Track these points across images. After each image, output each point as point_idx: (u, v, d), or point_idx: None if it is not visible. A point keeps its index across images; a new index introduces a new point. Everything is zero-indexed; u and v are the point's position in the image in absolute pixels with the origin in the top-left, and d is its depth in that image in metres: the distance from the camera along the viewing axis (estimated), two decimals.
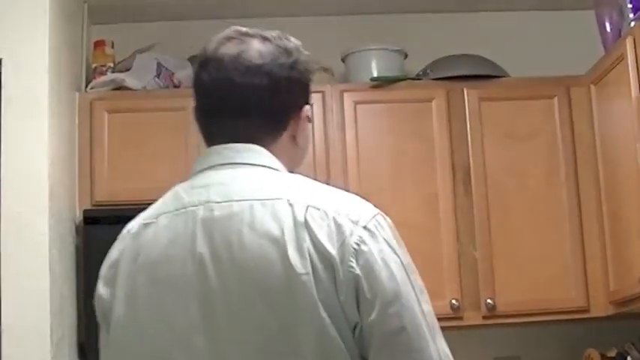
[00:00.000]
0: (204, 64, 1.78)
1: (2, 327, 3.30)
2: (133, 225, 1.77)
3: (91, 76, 4.13)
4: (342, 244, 1.60)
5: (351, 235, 1.61)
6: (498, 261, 3.93)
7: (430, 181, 3.99)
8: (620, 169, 3.73)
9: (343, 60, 4.29)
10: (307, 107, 1.83)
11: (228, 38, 1.79)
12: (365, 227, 1.63)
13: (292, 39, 1.83)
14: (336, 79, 4.25)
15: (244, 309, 1.60)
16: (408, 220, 3.89)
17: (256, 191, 1.67)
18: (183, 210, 1.70)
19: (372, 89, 4.10)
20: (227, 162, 1.74)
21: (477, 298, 3.90)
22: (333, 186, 1.75)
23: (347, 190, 1.73)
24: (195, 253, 1.64)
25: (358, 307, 1.58)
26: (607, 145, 3.89)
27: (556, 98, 4.09)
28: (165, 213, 1.72)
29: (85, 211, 3.82)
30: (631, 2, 3.66)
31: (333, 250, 1.59)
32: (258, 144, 1.75)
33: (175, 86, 4.09)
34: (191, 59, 4.17)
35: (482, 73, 4.14)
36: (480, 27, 4.53)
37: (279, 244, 1.59)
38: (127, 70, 4.10)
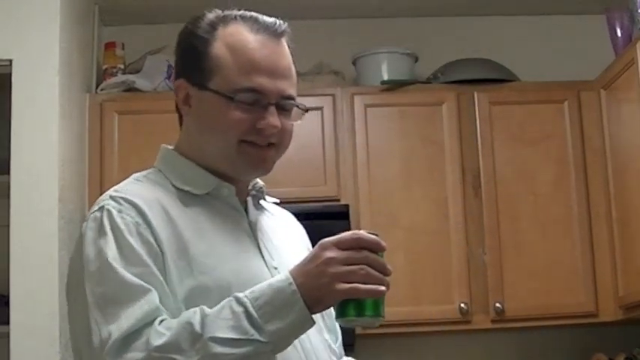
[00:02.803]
0: None
1: (11, 328, 3.30)
2: None
3: (101, 77, 4.13)
4: None
5: None
6: (507, 265, 3.93)
7: (440, 184, 3.99)
8: (630, 173, 3.73)
9: (354, 63, 4.29)
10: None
11: None
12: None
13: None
14: (347, 82, 4.24)
15: None
16: (418, 223, 3.92)
17: None
18: None
19: (383, 92, 4.09)
20: None
21: (486, 302, 3.89)
22: (343, 189, 1.76)
23: (357, 193, 1.74)
24: None
25: None
26: (617, 150, 3.88)
27: (566, 103, 4.08)
28: None
29: None
30: None
31: None
32: None
33: None
34: None
35: (492, 77, 4.14)
36: (490, 31, 4.53)
37: None
38: (138, 71, 4.10)
